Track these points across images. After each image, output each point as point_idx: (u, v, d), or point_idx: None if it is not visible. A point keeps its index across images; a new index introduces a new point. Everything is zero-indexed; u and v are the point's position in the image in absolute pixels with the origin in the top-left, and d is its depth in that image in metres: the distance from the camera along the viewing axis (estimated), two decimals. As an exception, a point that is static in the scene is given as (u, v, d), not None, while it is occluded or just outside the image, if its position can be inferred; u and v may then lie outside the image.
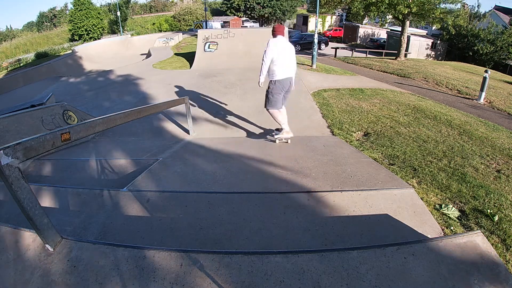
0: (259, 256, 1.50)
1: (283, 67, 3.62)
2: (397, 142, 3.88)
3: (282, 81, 3.65)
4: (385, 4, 12.99)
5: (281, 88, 3.69)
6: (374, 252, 1.48)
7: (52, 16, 43.37)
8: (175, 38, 18.57)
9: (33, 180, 3.12)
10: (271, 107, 3.76)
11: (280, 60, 3.60)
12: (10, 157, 1.28)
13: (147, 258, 1.50)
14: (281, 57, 3.60)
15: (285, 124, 3.85)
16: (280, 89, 3.68)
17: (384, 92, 6.82)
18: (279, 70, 3.61)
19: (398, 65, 12.62)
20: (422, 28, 28.27)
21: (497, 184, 2.94)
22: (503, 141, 4.11)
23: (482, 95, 7.20)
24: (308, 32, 29.37)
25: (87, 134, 1.89)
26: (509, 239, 2.16)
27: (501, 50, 20.20)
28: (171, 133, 4.79)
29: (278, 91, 3.68)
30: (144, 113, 2.93)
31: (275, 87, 3.67)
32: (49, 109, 4.16)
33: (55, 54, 26.33)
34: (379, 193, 2.45)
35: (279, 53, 3.58)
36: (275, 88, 3.67)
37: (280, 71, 3.61)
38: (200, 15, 36.22)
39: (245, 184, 2.78)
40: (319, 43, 20.50)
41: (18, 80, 11.38)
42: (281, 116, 3.80)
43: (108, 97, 7.15)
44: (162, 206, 2.35)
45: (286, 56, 3.66)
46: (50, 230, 1.54)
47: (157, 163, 3.29)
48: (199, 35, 10.72)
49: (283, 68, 3.62)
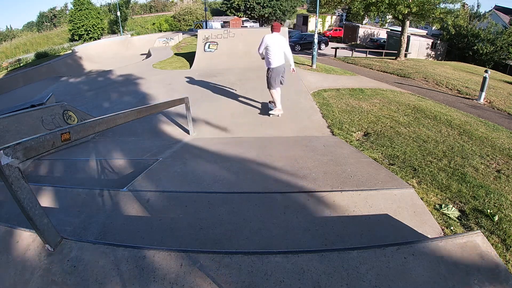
0: (259, 256, 1.50)
1: (275, 57, 4.65)
2: (397, 142, 3.88)
3: (276, 68, 4.72)
4: (385, 4, 12.98)
5: (276, 74, 4.75)
6: (374, 252, 1.48)
7: (52, 16, 43.38)
8: (175, 38, 18.56)
9: (33, 180, 3.12)
10: (270, 87, 4.86)
11: (272, 51, 4.62)
12: (10, 157, 1.28)
13: (147, 258, 1.50)
14: (273, 48, 4.61)
15: (279, 103, 4.96)
16: (276, 74, 4.75)
17: (384, 92, 6.82)
18: (273, 60, 4.67)
19: (398, 65, 12.62)
20: (422, 28, 28.26)
21: (497, 184, 2.94)
22: (503, 141, 4.11)
23: (482, 95, 7.20)
24: (308, 32, 29.37)
25: (87, 134, 1.88)
26: (509, 239, 2.16)
27: (501, 50, 20.19)
28: (171, 133, 4.79)
29: (274, 76, 4.75)
30: (144, 113, 2.93)
31: (272, 73, 4.75)
32: (49, 109, 4.16)
33: (55, 54, 26.33)
34: (379, 193, 2.45)
35: (273, 43, 4.59)
36: (272, 74, 4.75)
37: (274, 60, 4.67)
38: (200, 15, 36.22)
39: (245, 184, 2.78)
40: (319, 43, 20.51)
41: (18, 80, 11.38)
42: (277, 94, 4.90)
43: (108, 97, 7.15)
44: (162, 206, 2.35)
45: (278, 48, 4.64)
46: (50, 230, 1.54)
47: (157, 163, 3.29)
48: (199, 35, 10.71)
49: (276, 58, 4.66)
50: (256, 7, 34.38)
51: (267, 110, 5.45)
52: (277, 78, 4.75)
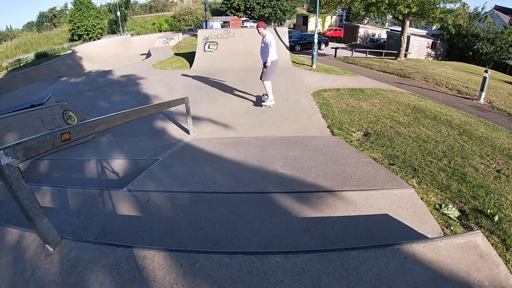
0: (259, 256, 1.50)
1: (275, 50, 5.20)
2: (397, 142, 3.88)
3: (275, 61, 5.22)
4: (385, 4, 12.98)
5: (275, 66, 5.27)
6: (374, 252, 1.48)
7: (52, 16, 43.36)
8: (175, 38, 18.55)
9: (33, 180, 3.12)
10: (267, 79, 5.30)
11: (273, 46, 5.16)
12: (10, 157, 1.28)
13: (147, 258, 1.50)
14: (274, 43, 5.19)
15: (271, 93, 5.45)
16: (274, 67, 5.26)
17: (384, 92, 6.82)
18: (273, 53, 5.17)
19: (398, 65, 12.62)
20: (422, 28, 28.28)
21: (497, 184, 2.94)
22: (503, 141, 4.11)
23: (482, 95, 7.20)
24: (308, 32, 29.37)
25: (87, 134, 1.88)
26: (509, 239, 2.16)
27: (501, 50, 20.20)
28: (171, 133, 4.79)
29: (273, 68, 5.25)
30: (144, 113, 2.93)
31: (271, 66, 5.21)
32: (49, 109, 4.16)
33: (55, 54, 26.34)
34: (379, 193, 2.45)
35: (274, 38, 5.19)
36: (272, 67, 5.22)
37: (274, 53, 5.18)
38: (200, 15, 36.19)
39: (245, 184, 2.78)
40: (319, 43, 20.50)
41: (18, 80, 11.37)
42: (271, 86, 5.39)
43: (108, 97, 7.15)
44: (162, 206, 2.35)
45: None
46: (50, 230, 1.54)
47: (157, 163, 3.29)
48: (199, 35, 10.70)
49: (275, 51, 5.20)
50: (256, 7, 34.42)
51: (266, 109, 5.45)
52: (274, 70, 5.30)
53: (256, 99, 6.07)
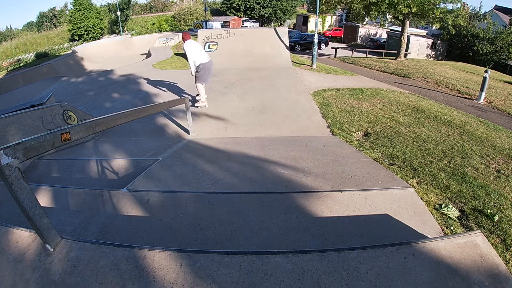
0: (259, 256, 1.50)
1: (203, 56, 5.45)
2: (397, 142, 3.88)
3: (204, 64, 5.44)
4: (385, 4, 12.98)
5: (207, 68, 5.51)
6: (374, 252, 1.48)
7: (52, 16, 43.33)
8: (175, 38, 18.53)
9: (33, 180, 3.12)
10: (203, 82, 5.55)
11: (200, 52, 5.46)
12: (10, 157, 1.28)
13: (147, 258, 1.50)
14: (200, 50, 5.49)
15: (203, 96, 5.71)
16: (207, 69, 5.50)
17: (384, 92, 6.82)
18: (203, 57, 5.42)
19: (398, 65, 12.62)
20: (422, 28, 28.27)
21: (497, 184, 2.94)
22: (503, 141, 4.11)
23: (482, 95, 7.20)
24: (308, 32, 29.36)
25: (87, 134, 1.88)
26: (509, 239, 2.16)
27: (501, 50, 20.19)
28: (171, 133, 4.79)
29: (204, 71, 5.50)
30: (144, 113, 2.93)
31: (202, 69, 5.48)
32: (49, 109, 4.16)
33: (55, 54, 26.33)
34: (379, 193, 2.45)
35: (197, 46, 5.50)
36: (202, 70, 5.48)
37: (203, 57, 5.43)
38: (200, 15, 36.15)
39: (245, 184, 2.78)
40: (319, 43, 20.50)
41: (18, 80, 11.36)
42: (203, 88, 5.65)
43: (108, 97, 7.15)
44: (162, 206, 2.35)
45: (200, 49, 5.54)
46: (50, 230, 1.54)
47: (157, 163, 3.29)
48: (199, 35, 10.71)
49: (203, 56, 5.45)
50: (256, 7, 34.42)
51: (266, 110, 5.45)
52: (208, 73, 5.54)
53: (256, 99, 6.06)
